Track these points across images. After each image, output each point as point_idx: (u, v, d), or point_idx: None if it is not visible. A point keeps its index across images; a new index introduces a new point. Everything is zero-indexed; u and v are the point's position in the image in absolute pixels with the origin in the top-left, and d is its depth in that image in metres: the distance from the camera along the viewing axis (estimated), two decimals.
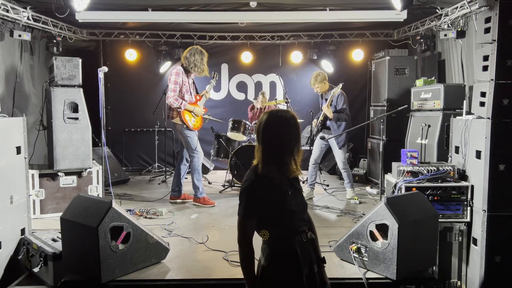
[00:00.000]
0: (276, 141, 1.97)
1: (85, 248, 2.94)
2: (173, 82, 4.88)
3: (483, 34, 3.34)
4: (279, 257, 1.96)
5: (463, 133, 3.64)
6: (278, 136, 1.97)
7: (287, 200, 1.98)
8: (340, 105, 5.31)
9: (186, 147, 5.09)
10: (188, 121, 4.94)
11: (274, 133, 1.97)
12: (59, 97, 4.61)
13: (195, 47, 5.01)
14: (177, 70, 4.92)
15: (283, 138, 1.96)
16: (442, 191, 3.59)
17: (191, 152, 5.03)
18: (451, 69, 5.70)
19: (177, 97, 4.87)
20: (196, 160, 5.04)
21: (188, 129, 4.97)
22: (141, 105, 7.69)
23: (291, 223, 1.99)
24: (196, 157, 5.03)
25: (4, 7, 4.91)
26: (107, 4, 5.65)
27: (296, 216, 2.01)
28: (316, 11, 5.96)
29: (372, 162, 6.59)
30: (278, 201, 1.97)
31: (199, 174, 5.11)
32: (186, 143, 5.03)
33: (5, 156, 3.49)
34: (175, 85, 4.88)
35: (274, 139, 1.98)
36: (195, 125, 5.04)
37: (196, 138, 5.06)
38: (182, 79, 4.93)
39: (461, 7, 5.01)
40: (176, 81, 4.88)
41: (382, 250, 2.96)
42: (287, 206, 1.98)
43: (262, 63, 7.87)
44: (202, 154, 5.13)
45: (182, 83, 4.93)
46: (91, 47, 7.73)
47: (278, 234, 1.98)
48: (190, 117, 4.98)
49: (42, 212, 4.62)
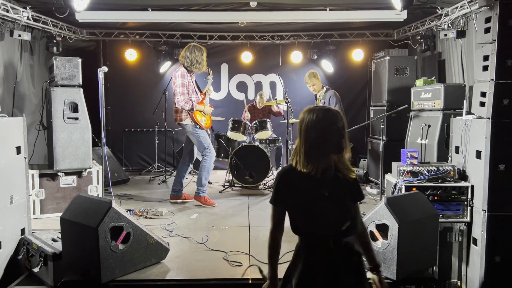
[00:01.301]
0: (318, 136, 1.85)
1: (85, 248, 2.94)
2: (180, 85, 4.85)
3: (483, 34, 3.34)
4: (299, 258, 1.90)
5: (463, 133, 3.64)
6: (320, 130, 1.85)
7: (317, 199, 1.87)
8: (333, 106, 5.31)
9: (198, 147, 5.09)
10: (200, 121, 4.96)
11: (317, 128, 1.85)
12: (59, 97, 4.60)
13: (192, 44, 5.01)
14: (181, 72, 4.89)
15: (325, 133, 1.84)
16: (442, 191, 3.59)
17: (203, 152, 5.03)
18: (451, 69, 5.70)
19: (187, 100, 4.86)
20: (209, 159, 5.04)
21: (199, 129, 4.98)
22: (141, 105, 7.69)
23: (318, 225, 1.87)
24: (209, 156, 5.04)
25: (4, 7, 4.91)
26: (107, 4, 5.65)
27: (327, 220, 1.87)
28: (316, 11, 5.96)
29: (372, 162, 6.59)
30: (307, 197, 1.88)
31: (208, 174, 5.11)
32: (198, 143, 5.02)
33: (5, 156, 3.49)
34: (182, 88, 4.85)
35: (317, 134, 1.85)
36: (206, 124, 5.07)
37: (208, 137, 5.09)
38: (188, 80, 4.93)
39: (461, 7, 5.01)
40: (183, 84, 4.86)
41: (382, 250, 2.96)
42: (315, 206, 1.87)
43: (262, 63, 7.87)
44: (214, 154, 5.14)
45: (188, 84, 4.93)
46: (91, 47, 7.73)
47: (304, 233, 1.92)
48: (201, 117, 5.01)
49: (42, 212, 4.62)
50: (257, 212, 4.92)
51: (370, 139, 6.70)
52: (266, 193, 5.92)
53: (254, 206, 5.20)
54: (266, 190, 6.08)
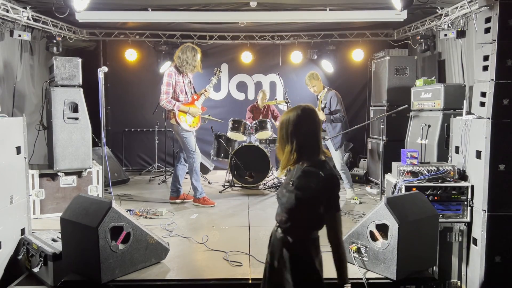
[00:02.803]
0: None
1: (85, 248, 2.94)
2: (165, 84, 4.89)
3: (483, 34, 3.34)
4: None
5: (463, 133, 3.63)
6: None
7: (283, 187, 2.11)
8: (334, 106, 5.32)
9: (183, 148, 5.09)
10: (182, 121, 4.92)
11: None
12: (59, 97, 4.60)
13: (187, 45, 4.99)
14: (169, 72, 4.92)
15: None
16: (442, 191, 3.58)
17: (188, 153, 5.02)
18: (451, 69, 5.70)
19: (170, 99, 4.87)
20: (193, 161, 5.03)
21: (184, 130, 4.95)
22: (141, 105, 7.69)
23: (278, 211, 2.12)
24: (193, 158, 5.02)
25: (4, 7, 4.91)
26: (107, 4, 5.65)
27: (278, 209, 2.11)
28: (316, 11, 5.96)
29: (372, 162, 6.59)
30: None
31: (197, 175, 5.10)
32: (183, 144, 5.03)
33: (5, 156, 3.49)
34: (167, 87, 4.88)
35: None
36: (191, 125, 5.02)
37: (193, 139, 5.04)
38: (175, 80, 4.92)
39: (461, 7, 5.01)
40: (169, 83, 4.88)
41: (382, 250, 2.96)
42: (281, 191, 2.11)
43: (262, 63, 7.87)
44: (199, 155, 5.12)
45: (175, 84, 4.92)
46: (91, 47, 7.73)
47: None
48: (185, 118, 4.97)
49: (42, 212, 4.62)
50: (257, 212, 4.92)
51: (370, 139, 6.70)
52: (266, 193, 5.92)
53: (254, 206, 5.20)
54: (266, 190, 6.08)
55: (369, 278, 2.98)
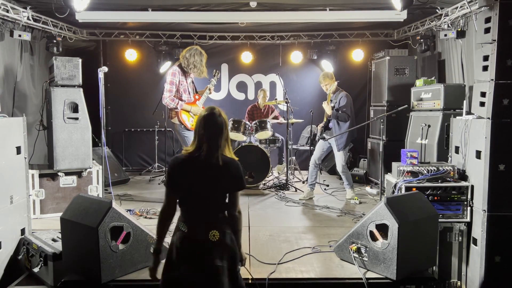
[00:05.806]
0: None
1: (85, 248, 2.94)
2: (169, 82, 4.88)
3: (483, 34, 3.34)
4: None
5: (463, 133, 3.64)
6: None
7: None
8: (341, 105, 5.31)
9: (183, 146, 5.09)
10: (185, 121, 4.93)
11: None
12: (59, 97, 4.60)
13: (195, 48, 4.99)
14: (173, 70, 4.91)
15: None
16: (442, 191, 3.58)
17: None
18: (451, 69, 5.70)
19: (173, 98, 4.87)
20: None
21: (186, 129, 4.96)
22: (141, 105, 7.69)
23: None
24: None
25: (4, 7, 4.91)
26: (107, 4, 5.65)
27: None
28: (316, 11, 5.96)
29: (372, 162, 6.59)
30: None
31: None
32: (184, 143, 5.04)
33: (5, 156, 3.49)
34: (171, 85, 4.87)
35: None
36: (193, 125, 5.03)
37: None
38: (179, 79, 4.93)
39: (461, 7, 5.01)
40: (172, 82, 4.88)
41: (382, 250, 2.97)
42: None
43: (262, 63, 7.87)
44: None
45: (179, 83, 4.92)
46: (91, 47, 7.73)
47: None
48: (188, 117, 4.97)
49: (42, 212, 4.62)
50: (257, 212, 4.92)
51: (370, 139, 6.70)
52: (266, 193, 5.92)
53: (254, 206, 5.20)
54: (266, 190, 6.08)
55: (369, 278, 2.99)
